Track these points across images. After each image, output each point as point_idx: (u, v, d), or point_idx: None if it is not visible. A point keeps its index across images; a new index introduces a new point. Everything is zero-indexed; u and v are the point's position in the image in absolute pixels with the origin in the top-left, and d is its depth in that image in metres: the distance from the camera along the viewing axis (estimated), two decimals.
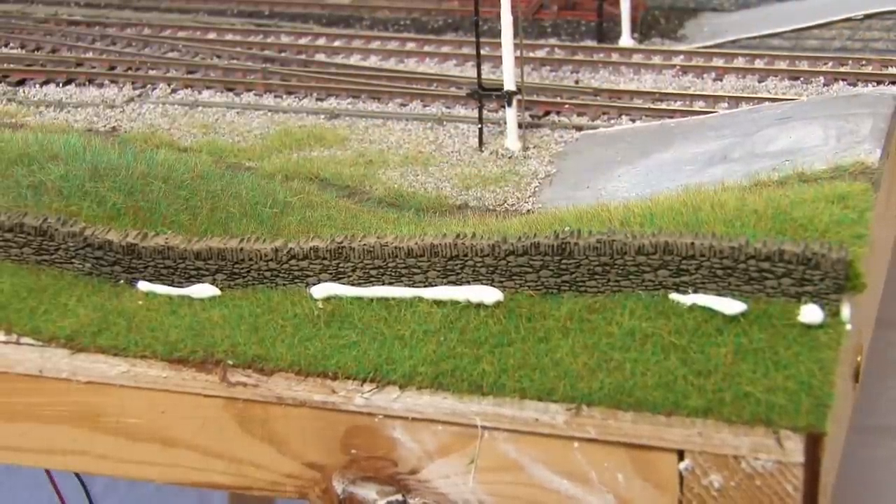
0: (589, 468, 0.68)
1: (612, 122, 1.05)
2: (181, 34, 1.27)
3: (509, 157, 0.99)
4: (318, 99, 1.13)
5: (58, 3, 1.40)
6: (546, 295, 0.72)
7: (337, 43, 1.24)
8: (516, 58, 0.98)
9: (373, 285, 0.75)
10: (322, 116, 1.09)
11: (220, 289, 0.77)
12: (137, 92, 1.15)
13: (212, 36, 1.27)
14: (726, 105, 1.05)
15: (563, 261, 0.71)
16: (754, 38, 1.18)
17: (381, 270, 0.74)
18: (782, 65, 1.11)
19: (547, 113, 1.08)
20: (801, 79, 1.08)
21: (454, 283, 0.73)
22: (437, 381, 0.70)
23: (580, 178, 0.95)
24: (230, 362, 0.74)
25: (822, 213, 0.72)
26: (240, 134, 1.05)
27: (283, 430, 0.74)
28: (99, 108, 1.11)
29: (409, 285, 0.74)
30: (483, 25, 1.10)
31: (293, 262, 0.76)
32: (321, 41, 1.24)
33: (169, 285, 0.78)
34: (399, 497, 0.73)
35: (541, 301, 0.72)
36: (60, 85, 1.17)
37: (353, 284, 0.75)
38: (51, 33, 1.29)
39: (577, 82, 1.13)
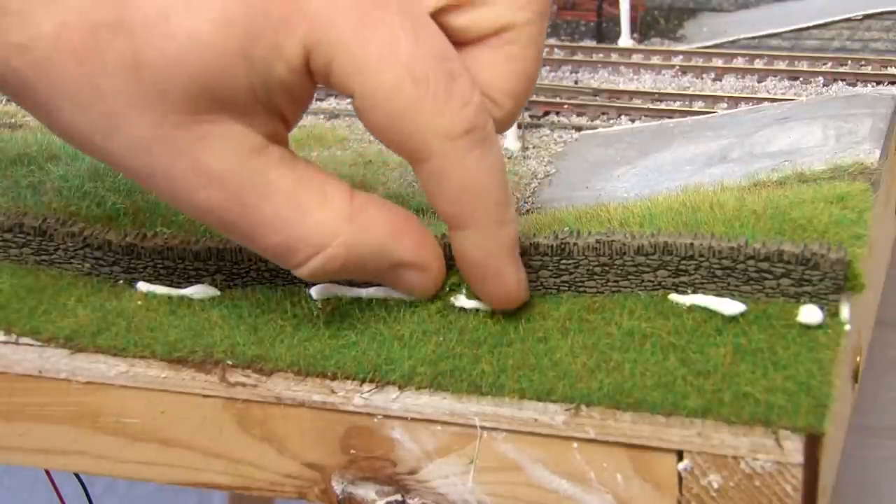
0: (588, 468, 0.68)
1: (612, 122, 1.05)
2: None
3: (508, 158, 0.99)
4: (317, 99, 1.13)
5: None
6: (545, 295, 0.72)
7: None
8: None
9: (372, 285, 0.75)
10: (321, 116, 1.09)
11: (220, 289, 0.77)
12: None
13: None
14: (725, 105, 1.05)
15: (562, 261, 0.71)
16: (754, 38, 1.19)
17: None
18: (781, 65, 1.11)
19: (546, 113, 1.08)
20: (801, 79, 1.08)
21: None
22: (436, 382, 0.70)
23: (579, 179, 0.95)
24: (229, 362, 0.74)
25: (821, 214, 0.72)
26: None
27: (283, 430, 0.74)
28: None
29: None
30: None
31: None
32: None
33: (168, 286, 0.78)
34: (398, 497, 0.73)
35: (540, 301, 0.72)
36: None
37: (352, 284, 0.75)
38: None
39: (576, 82, 1.13)
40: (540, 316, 0.71)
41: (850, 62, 1.09)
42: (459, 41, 0.69)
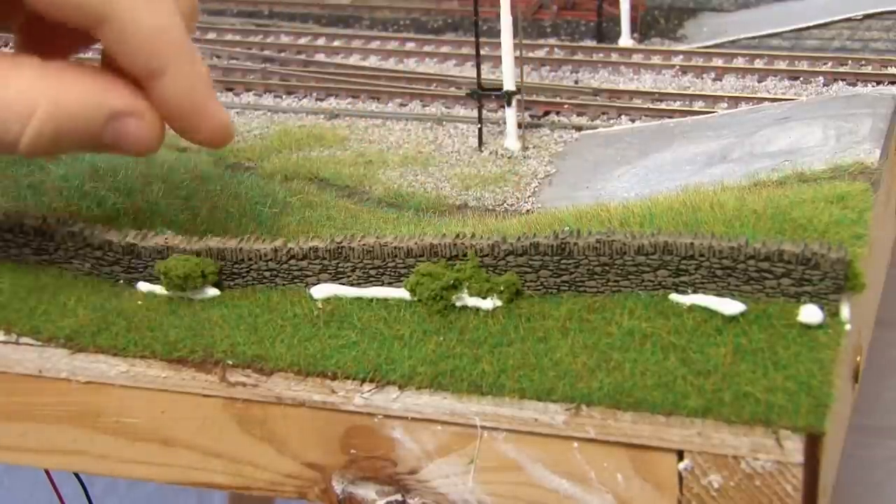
0: (588, 468, 0.68)
1: (612, 122, 1.05)
2: None
3: (509, 157, 0.99)
4: (317, 99, 1.13)
5: None
6: (545, 295, 0.72)
7: (336, 43, 1.24)
8: (516, 58, 0.98)
9: (372, 285, 0.75)
10: (321, 116, 1.09)
11: (220, 289, 0.77)
12: None
13: (211, 36, 1.27)
14: (726, 105, 1.05)
15: (563, 261, 0.71)
16: (754, 38, 1.19)
17: (381, 270, 0.74)
18: (782, 65, 1.11)
19: (546, 113, 1.08)
20: (801, 79, 1.08)
21: None
22: (437, 381, 0.70)
23: (580, 178, 0.95)
24: (230, 362, 0.74)
25: (821, 213, 0.72)
26: (239, 134, 1.05)
27: (283, 430, 0.74)
28: None
29: None
30: (483, 25, 1.10)
31: (292, 262, 0.76)
32: (321, 41, 1.24)
33: None
34: (398, 497, 0.73)
35: (540, 301, 0.72)
36: None
37: (352, 284, 0.75)
38: None
39: (576, 82, 1.13)
40: (540, 316, 0.71)
41: (850, 62, 1.09)
42: None
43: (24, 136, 0.67)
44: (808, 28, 1.19)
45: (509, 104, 0.99)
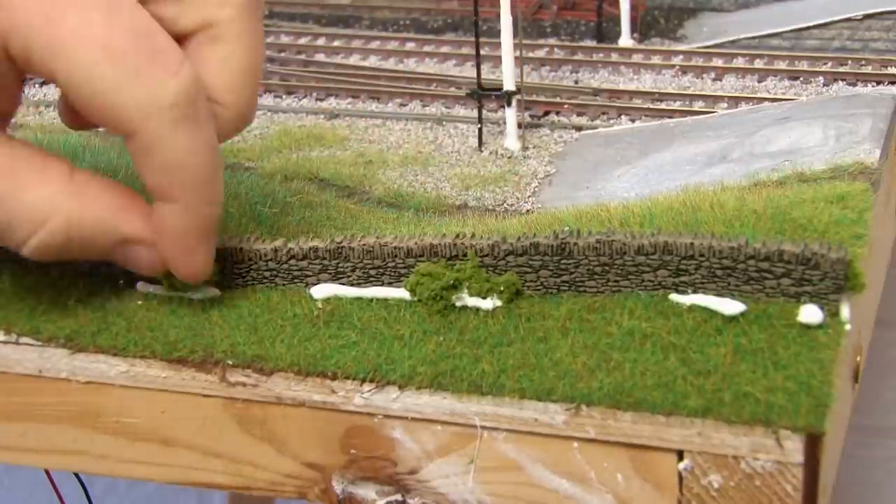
0: (588, 468, 0.68)
1: (612, 122, 1.05)
2: None
3: (509, 157, 0.99)
4: (317, 99, 1.13)
5: None
6: (545, 295, 0.72)
7: (336, 43, 1.24)
8: (516, 58, 0.98)
9: (372, 285, 0.75)
10: (321, 116, 1.09)
11: (220, 289, 0.77)
12: None
13: None
14: (726, 105, 1.05)
15: (563, 261, 0.71)
16: (754, 38, 1.19)
17: (381, 270, 0.74)
18: (782, 65, 1.11)
19: (546, 113, 1.08)
20: (801, 79, 1.08)
21: None
22: (437, 381, 0.70)
23: (580, 178, 0.95)
24: (229, 362, 0.74)
25: (821, 214, 0.72)
26: (239, 134, 1.05)
27: (283, 430, 0.74)
28: None
29: None
30: (482, 25, 1.10)
31: (292, 262, 0.76)
32: (321, 41, 1.24)
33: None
34: (398, 497, 0.73)
35: (540, 301, 0.72)
36: None
37: (352, 284, 0.75)
38: None
39: (576, 82, 1.13)
40: (540, 316, 0.71)
41: (850, 62, 1.09)
42: (172, 34, 0.69)
43: (30, 240, 0.68)
44: (808, 28, 1.19)
45: (509, 104, 0.99)
